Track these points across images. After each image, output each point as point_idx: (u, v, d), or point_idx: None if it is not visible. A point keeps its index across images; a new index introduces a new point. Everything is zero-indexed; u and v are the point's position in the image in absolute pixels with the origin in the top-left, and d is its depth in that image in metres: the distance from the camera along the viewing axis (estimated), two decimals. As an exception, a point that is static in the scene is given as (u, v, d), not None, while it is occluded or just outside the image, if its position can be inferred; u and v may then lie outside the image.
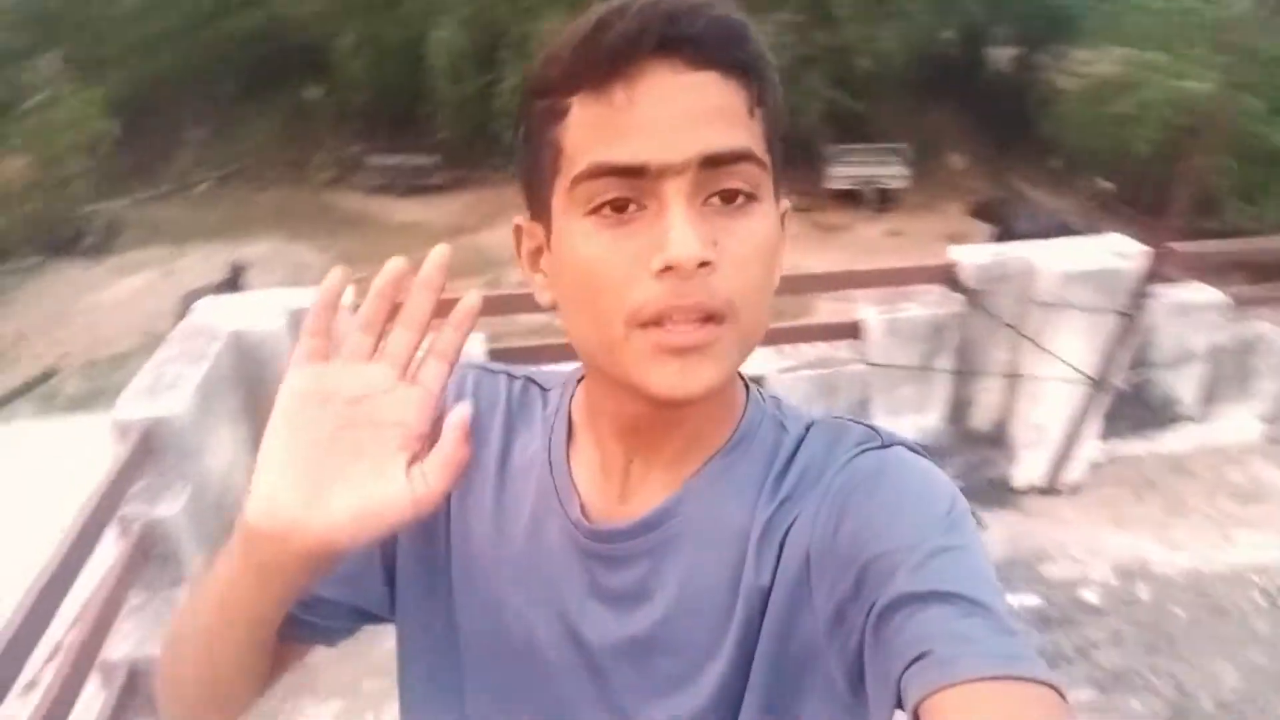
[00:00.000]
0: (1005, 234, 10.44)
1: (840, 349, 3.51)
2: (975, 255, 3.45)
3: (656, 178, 0.51)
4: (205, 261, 10.23)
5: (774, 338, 3.44)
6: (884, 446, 0.61)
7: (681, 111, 0.51)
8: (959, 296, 3.38)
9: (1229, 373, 3.71)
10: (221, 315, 2.96)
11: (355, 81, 14.11)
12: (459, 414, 0.53)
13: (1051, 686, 0.46)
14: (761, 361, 3.38)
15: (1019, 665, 0.46)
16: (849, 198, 12.22)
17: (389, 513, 0.52)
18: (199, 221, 12.26)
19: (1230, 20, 8.45)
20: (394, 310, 0.55)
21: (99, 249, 11.12)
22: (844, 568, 0.55)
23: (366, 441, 0.53)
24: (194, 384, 2.49)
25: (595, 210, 0.53)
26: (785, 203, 0.62)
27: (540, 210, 0.58)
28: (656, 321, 0.52)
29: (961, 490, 0.59)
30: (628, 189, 0.52)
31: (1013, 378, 3.46)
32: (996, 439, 3.60)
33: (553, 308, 0.61)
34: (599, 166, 0.52)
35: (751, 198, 0.54)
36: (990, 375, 3.49)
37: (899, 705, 0.49)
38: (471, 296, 0.55)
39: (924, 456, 0.61)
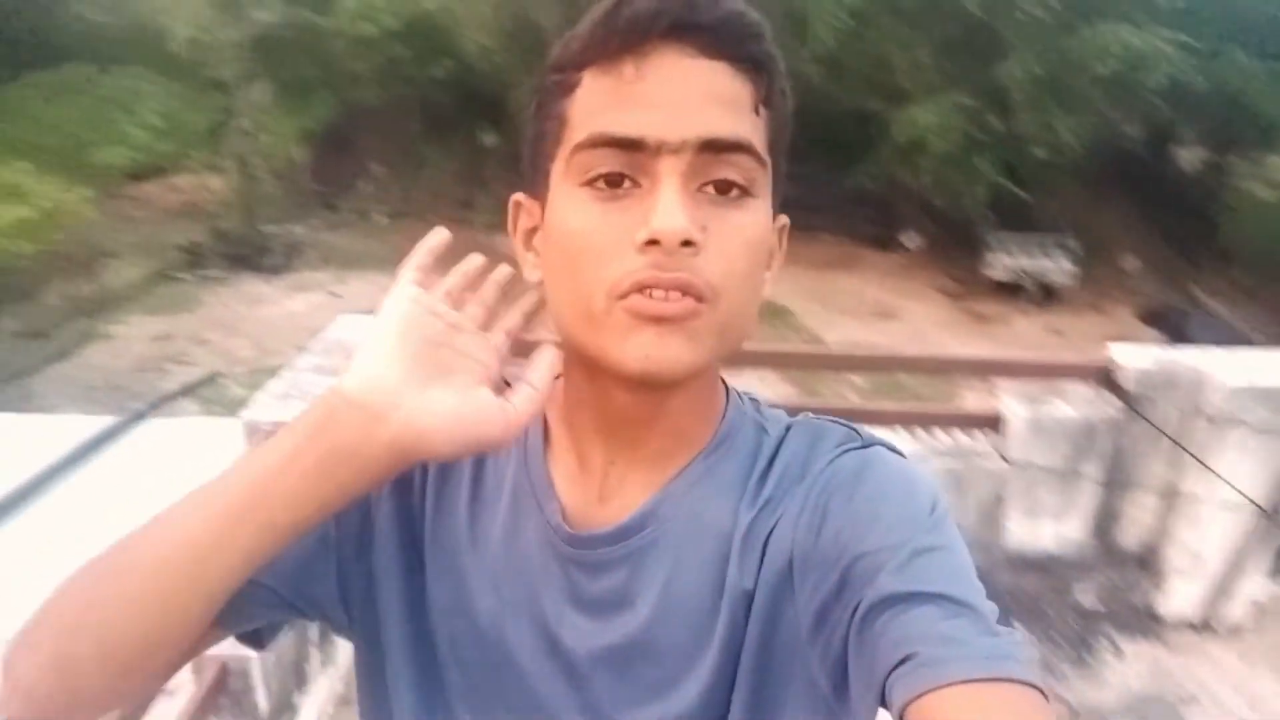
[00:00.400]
0: (1175, 343, 9.77)
1: (977, 441, 3.31)
2: (1138, 357, 3.20)
3: (654, 154, 0.52)
4: (368, 287, 10.85)
5: (905, 420, 3.29)
6: (864, 446, 0.62)
7: (687, 93, 0.52)
8: (1115, 399, 3.14)
9: None
10: (358, 332, 3.10)
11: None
12: (550, 350, 0.59)
13: (1035, 687, 0.46)
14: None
15: (1004, 666, 0.46)
16: (1009, 289, 11.69)
17: (484, 425, 0.54)
18: (368, 251, 13.01)
19: None
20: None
21: (277, 267, 11.97)
22: (827, 568, 0.55)
23: (458, 364, 0.56)
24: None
25: (590, 181, 0.54)
26: (784, 218, 0.63)
27: (539, 184, 0.60)
28: (636, 291, 0.53)
29: (1101, 614, 0.56)
30: (624, 163, 0.53)
31: (1170, 496, 3.17)
32: (1145, 561, 3.30)
33: (539, 285, 0.63)
34: (599, 136, 0.53)
35: (746, 192, 0.55)
36: (1144, 489, 3.20)
37: (883, 705, 0.49)
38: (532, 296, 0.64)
39: (904, 457, 0.62)
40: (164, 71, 17.53)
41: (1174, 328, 10.18)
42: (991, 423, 3.24)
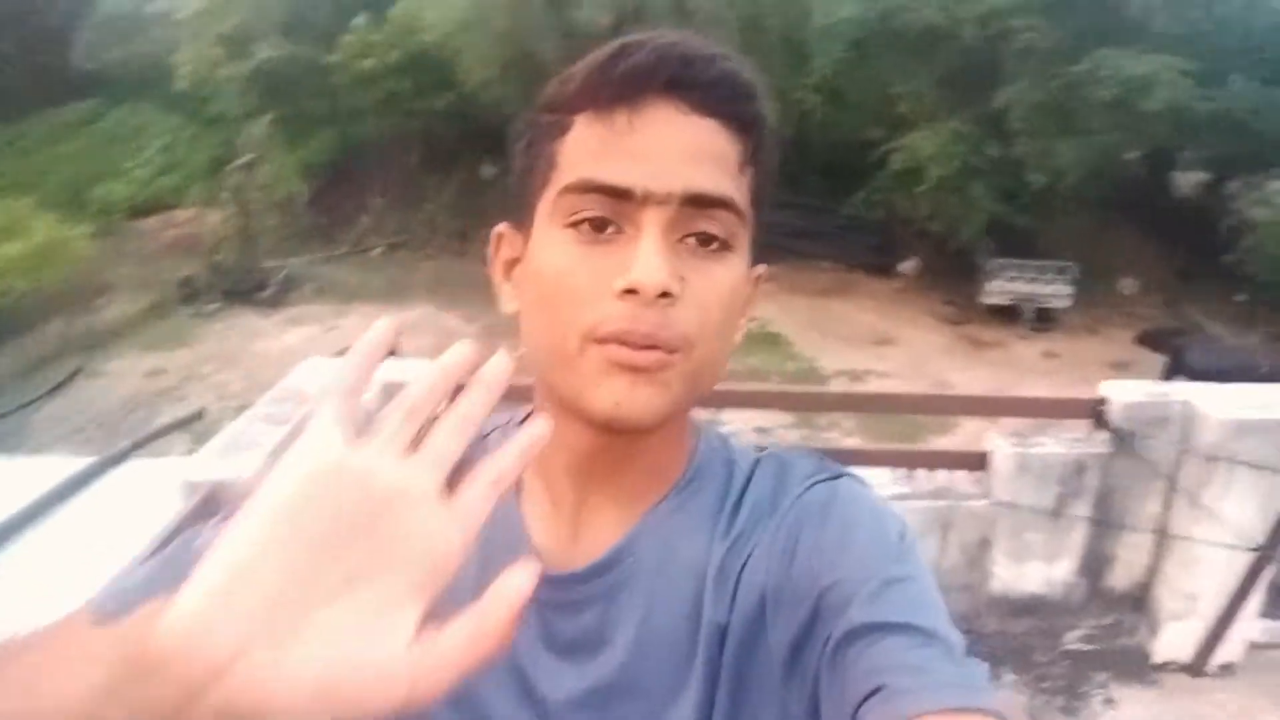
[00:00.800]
0: (1176, 366, 9.67)
1: (963, 481, 3.22)
2: (1129, 392, 3.11)
3: (639, 204, 0.53)
4: (365, 321, 10.80)
5: (891, 460, 3.21)
6: (833, 478, 0.62)
7: (677, 148, 0.53)
8: (1106, 436, 3.06)
9: None
10: (316, 379, 2.90)
11: (526, 163, 14.84)
12: (521, 578, 0.38)
13: (1002, 718, 0.46)
14: (872, 483, 3.14)
15: (973, 696, 0.47)
16: (1006, 314, 11.65)
17: (370, 694, 0.34)
18: (365, 284, 13.04)
19: None
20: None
21: (274, 301, 11.98)
22: (799, 600, 0.55)
23: (381, 564, 0.36)
24: (269, 448, 2.39)
25: (575, 224, 0.54)
26: (762, 267, 0.63)
27: (524, 219, 0.59)
28: (611, 340, 0.52)
29: (1093, 658, 0.54)
30: (610, 209, 0.53)
31: (1162, 536, 3.08)
32: (1138, 603, 3.19)
33: (514, 317, 0.61)
34: (587, 182, 0.53)
35: (726, 246, 0.55)
36: (1135, 530, 3.11)
37: None
38: (502, 358, 0.43)
39: (870, 489, 0.63)
40: (168, 108, 17.73)
41: (1174, 351, 10.07)
42: (978, 462, 3.16)
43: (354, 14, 15.35)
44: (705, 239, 0.55)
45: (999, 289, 11.72)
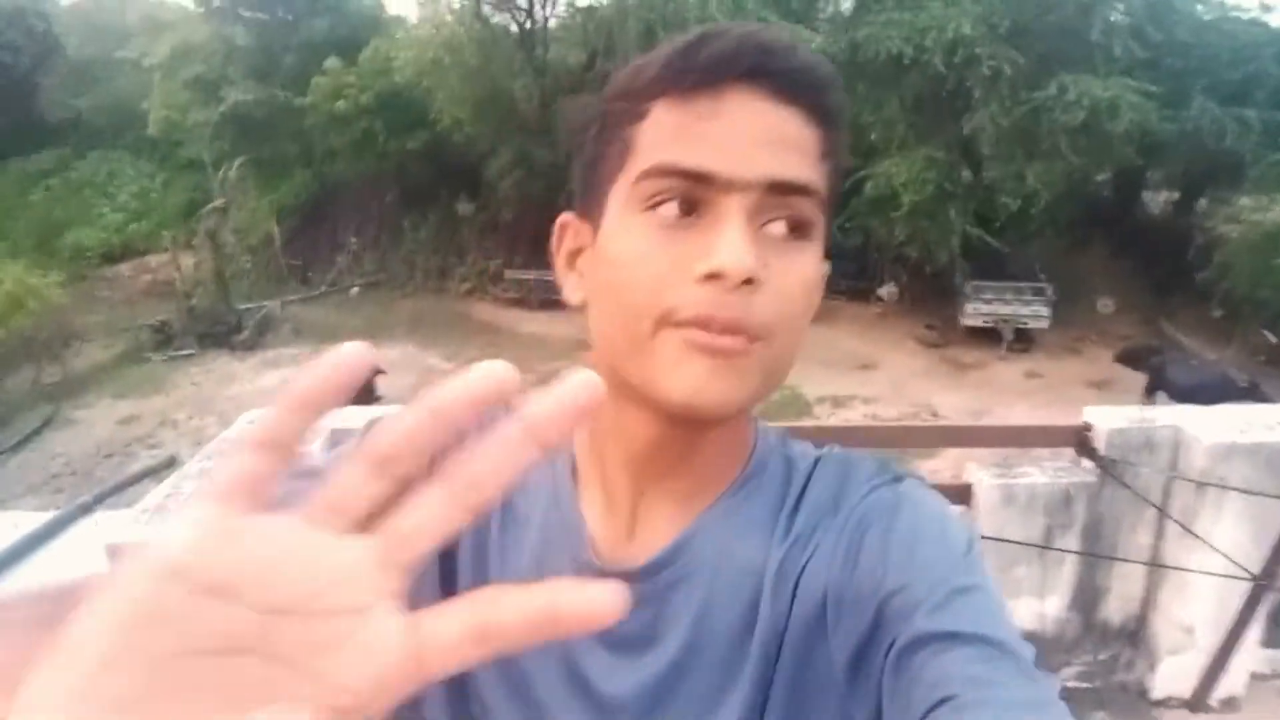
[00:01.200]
0: (1156, 383, 9.71)
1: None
2: (1113, 418, 3.05)
3: (721, 189, 0.52)
4: (341, 362, 10.74)
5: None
6: (896, 480, 0.61)
7: (759, 134, 0.52)
8: (1092, 465, 3.00)
9: None
10: None
11: (503, 199, 14.90)
12: (587, 378, 0.28)
13: None
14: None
15: (1042, 712, 0.46)
16: (985, 335, 11.74)
17: None
18: (343, 323, 12.96)
19: None
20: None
21: (249, 344, 11.87)
22: (862, 606, 0.54)
23: (271, 693, 0.26)
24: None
25: (652, 207, 0.53)
26: (825, 265, 0.61)
27: (593, 206, 0.58)
28: (691, 324, 0.51)
29: (1090, 695, 0.49)
30: (690, 194, 0.53)
31: (1155, 566, 3.01)
32: (1133, 637, 3.11)
33: (581, 307, 0.59)
34: (668, 166, 0.52)
35: (805, 235, 0.55)
36: (1127, 561, 3.04)
37: None
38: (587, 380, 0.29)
39: (934, 491, 0.61)
40: (141, 154, 17.71)
41: (1153, 369, 10.12)
42: (962, 496, 3.08)
43: (324, 56, 15.39)
44: (785, 226, 0.54)
45: (977, 311, 11.82)
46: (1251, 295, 10.52)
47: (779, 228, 0.54)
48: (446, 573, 0.63)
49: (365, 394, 7.30)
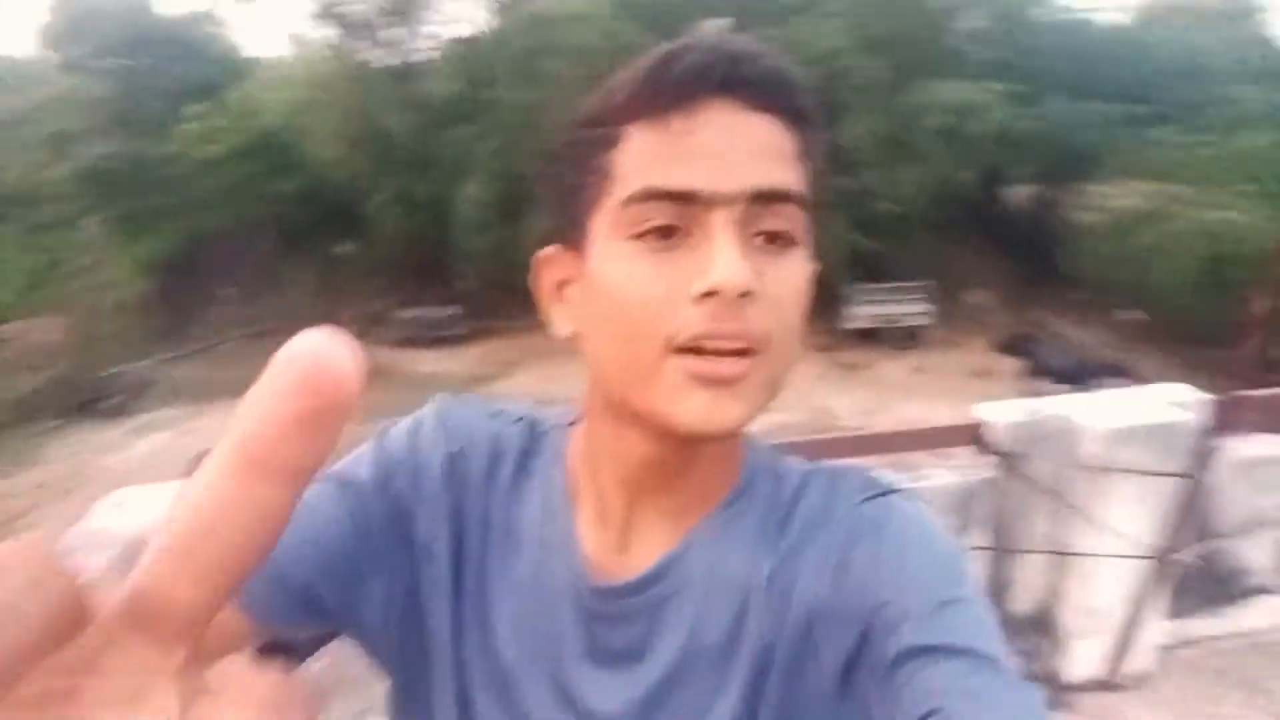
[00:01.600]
0: (1038, 368, 10.17)
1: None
2: (1005, 413, 3.12)
3: (707, 206, 0.52)
4: (224, 420, 10.17)
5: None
6: (885, 494, 0.61)
7: (738, 146, 0.52)
8: (991, 460, 3.06)
9: (1307, 537, 3.31)
10: (127, 515, 2.23)
11: (386, 236, 14.59)
12: None
13: None
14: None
15: None
16: (870, 336, 12.15)
17: None
18: (222, 380, 12.35)
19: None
20: None
21: (120, 410, 11.22)
22: (850, 619, 0.55)
23: None
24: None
25: (641, 234, 0.53)
26: (814, 265, 0.60)
27: (575, 237, 0.57)
28: (694, 348, 0.51)
29: None
30: (676, 215, 0.52)
31: (1057, 554, 3.09)
32: (1042, 625, 3.18)
33: (571, 338, 0.59)
34: (651, 190, 0.52)
35: (793, 241, 0.55)
36: (1030, 552, 3.11)
37: None
38: None
39: (923, 506, 0.61)
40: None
41: (1031, 355, 10.60)
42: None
43: (186, 103, 14.77)
44: (774, 235, 0.54)
45: (861, 314, 12.22)
46: (1111, 278, 11.16)
47: (766, 237, 0.54)
48: (457, 588, 0.64)
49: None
